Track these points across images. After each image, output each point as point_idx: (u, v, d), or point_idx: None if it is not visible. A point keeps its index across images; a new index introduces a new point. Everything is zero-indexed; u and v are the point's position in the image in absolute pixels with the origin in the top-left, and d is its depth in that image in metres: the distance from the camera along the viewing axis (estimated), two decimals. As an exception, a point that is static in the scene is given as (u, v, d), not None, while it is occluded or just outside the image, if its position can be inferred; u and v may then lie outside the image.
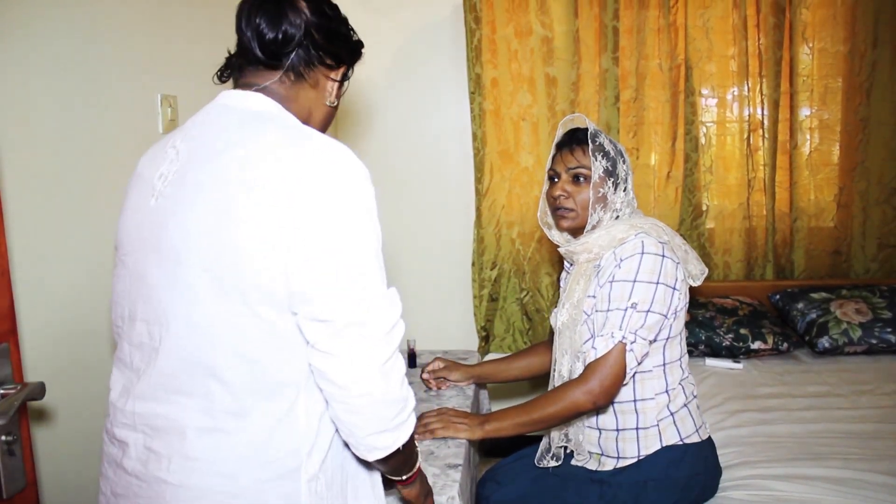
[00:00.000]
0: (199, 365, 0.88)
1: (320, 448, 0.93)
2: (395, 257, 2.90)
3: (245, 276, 0.85)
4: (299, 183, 0.85)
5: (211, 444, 0.88)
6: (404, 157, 2.85)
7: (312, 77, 1.00)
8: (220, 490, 0.88)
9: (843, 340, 2.35)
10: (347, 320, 0.86)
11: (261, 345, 0.88)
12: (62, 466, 1.25)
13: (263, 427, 0.89)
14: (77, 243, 1.29)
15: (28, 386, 0.90)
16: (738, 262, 2.76)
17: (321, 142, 0.90)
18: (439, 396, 1.87)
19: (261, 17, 0.95)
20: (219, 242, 0.85)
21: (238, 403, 0.88)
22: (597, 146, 1.48)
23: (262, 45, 0.95)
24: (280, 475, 0.90)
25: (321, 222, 0.85)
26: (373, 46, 2.79)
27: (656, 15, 2.63)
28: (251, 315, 0.86)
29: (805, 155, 2.69)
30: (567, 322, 1.51)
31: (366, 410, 0.89)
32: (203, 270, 0.86)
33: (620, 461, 1.48)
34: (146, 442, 0.91)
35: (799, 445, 1.76)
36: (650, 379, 1.47)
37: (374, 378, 0.88)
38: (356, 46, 1.07)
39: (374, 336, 0.88)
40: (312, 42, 0.97)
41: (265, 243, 0.84)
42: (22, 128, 1.15)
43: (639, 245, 1.42)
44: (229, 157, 0.87)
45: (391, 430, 0.93)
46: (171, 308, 0.88)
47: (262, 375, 0.88)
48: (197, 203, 0.87)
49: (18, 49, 1.14)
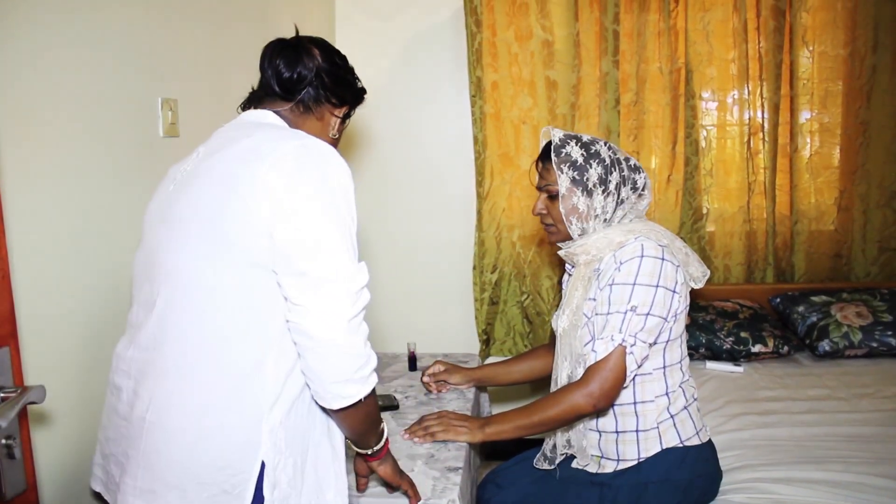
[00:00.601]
0: (184, 313, 1.02)
1: (283, 404, 1.04)
2: (396, 260, 2.91)
3: (236, 236, 0.99)
4: (290, 159, 1.00)
5: (185, 388, 1.01)
6: (405, 161, 2.86)
7: (319, 111, 1.21)
8: (188, 429, 1.00)
9: (844, 344, 2.35)
10: (320, 274, 0.98)
11: (242, 300, 1.01)
12: (62, 469, 1.25)
13: (233, 376, 1.01)
14: (78, 246, 1.29)
15: (28, 389, 0.90)
16: (738, 266, 2.76)
17: (315, 138, 1.06)
18: (440, 399, 1.87)
19: (280, 59, 1.15)
20: (217, 207, 1.00)
21: (213, 353, 1.01)
22: (562, 158, 1.47)
23: (279, 82, 1.16)
24: (243, 422, 1.01)
25: (303, 192, 0.99)
26: (374, 50, 2.82)
27: (656, 18, 2.63)
28: (237, 272, 1.00)
29: (805, 158, 2.69)
30: (567, 328, 1.51)
31: (333, 359, 1.00)
32: (199, 230, 1.01)
33: (621, 463, 1.48)
34: (135, 387, 1.05)
35: (799, 449, 1.76)
36: (650, 381, 1.47)
37: (342, 330, 0.99)
38: (359, 92, 1.29)
39: (343, 292, 0.99)
40: (322, 83, 1.18)
41: (256, 208, 0.98)
42: (23, 130, 1.15)
43: (638, 248, 1.42)
44: (237, 146, 1.05)
45: (355, 381, 1.03)
46: (169, 264, 1.04)
47: (239, 328, 1.01)
48: (204, 180, 1.04)
49: (20, 52, 1.15)
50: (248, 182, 0.98)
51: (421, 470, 1.46)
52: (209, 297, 1.01)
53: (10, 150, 1.13)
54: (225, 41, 1.86)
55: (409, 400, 1.87)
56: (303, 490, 1.08)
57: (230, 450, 1.01)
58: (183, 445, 1.00)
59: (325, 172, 1.02)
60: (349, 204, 1.04)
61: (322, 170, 1.02)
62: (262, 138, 1.04)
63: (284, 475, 1.04)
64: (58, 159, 1.24)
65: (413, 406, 1.83)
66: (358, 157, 2.88)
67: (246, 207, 0.98)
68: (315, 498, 1.10)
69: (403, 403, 1.84)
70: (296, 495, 1.06)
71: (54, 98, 1.22)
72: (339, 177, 1.04)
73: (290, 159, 1.00)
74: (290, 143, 1.02)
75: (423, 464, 1.49)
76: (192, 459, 1.00)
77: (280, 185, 0.98)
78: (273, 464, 1.03)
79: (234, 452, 1.01)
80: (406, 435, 1.61)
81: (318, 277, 0.98)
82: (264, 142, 1.03)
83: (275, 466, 1.03)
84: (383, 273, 2.92)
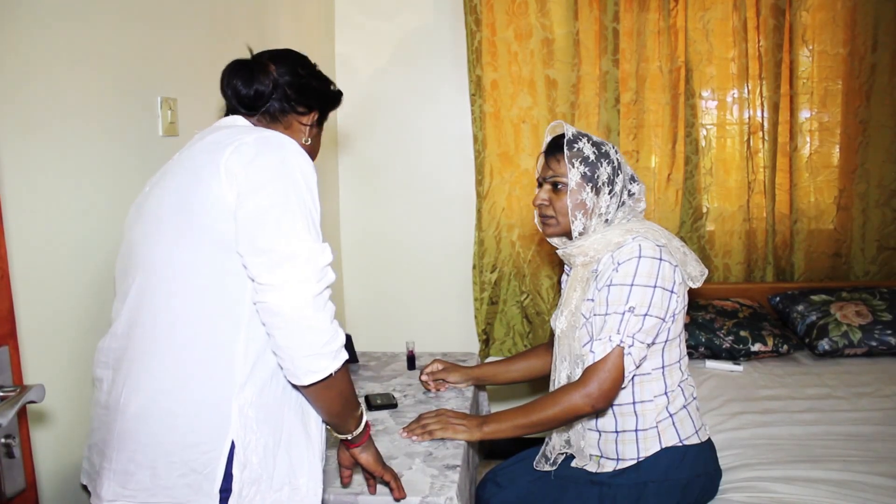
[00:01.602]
0: (154, 298, 1.06)
1: (254, 384, 1.06)
2: (396, 259, 2.91)
3: (202, 220, 1.04)
4: (250, 145, 1.05)
5: (155, 368, 1.04)
6: (404, 160, 2.86)
7: (286, 121, 1.25)
8: (158, 408, 1.04)
9: (843, 342, 2.35)
10: (283, 251, 1.01)
11: (211, 282, 1.05)
12: (62, 468, 1.26)
13: (201, 356, 1.04)
14: (77, 245, 1.29)
15: (28, 388, 0.90)
16: (738, 265, 2.76)
17: (276, 132, 1.12)
18: (438, 398, 1.87)
19: (237, 80, 1.20)
20: (184, 194, 1.06)
21: (182, 334, 1.04)
22: (574, 152, 1.47)
23: (239, 101, 1.21)
24: (212, 400, 1.04)
25: (263, 174, 1.03)
26: (374, 50, 2.82)
27: (656, 17, 2.63)
28: (205, 255, 1.05)
29: (805, 157, 2.69)
30: (566, 329, 1.51)
31: (301, 334, 1.02)
32: (169, 219, 1.07)
33: (620, 463, 1.48)
34: (113, 376, 1.09)
35: (799, 447, 1.76)
36: (649, 381, 1.47)
37: (308, 306, 1.01)
38: (330, 97, 1.30)
39: (308, 270, 1.01)
40: (283, 95, 1.22)
41: (219, 191, 1.02)
42: (22, 129, 1.15)
43: (636, 249, 1.42)
44: (203, 142, 1.11)
45: (325, 355, 1.04)
46: (143, 256, 1.09)
47: (208, 309, 1.05)
48: (173, 175, 1.11)
49: (19, 50, 1.15)
50: (211, 168, 1.04)
51: (419, 468, 1.46)
52: (178, 281, 1.05)
53: (10, 150, 1.13)
54: (224, 41, 1.86)
55: (408, 399, 1.87)
56: (274, 473, 1.08)
57: (199, 427, 1.03)
58: (153, 424, 1.03)
59: (285, 157, 1.06)
60: (310, 188, 1.07)
61: (281, 154, 1.06)
62: (227, 133, 1.10)
63: (255, 455, 1.05)
64: (57, 158, 1.24)
65: (412, 405, 1.83)
66: (357, 157, 2.88)
67: (210, 191, 1.03)
68: (287, 481, 1.10)
69: (402, 402, 1.85)
70: (267, 477, 1.07)
71: (54, 97, 1.23)
72: (299, 162, 1.07)
73: (250, 145, 1.05)
74: (251, 134, 1.08)
75: (421, 462, 1.49)
76: (162, 437, 1.03)
77: (240, 168, 1.03)
78: (243, 443, 1.04)
79: (204, 430, 1.03)
80: (405, 433, 1.62)
81: (281, 255, 1.01)
82: (227, 136, 1.08)
83: (245, 445, 1.04)
84: (382, 272, 2.92)
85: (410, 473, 1.44)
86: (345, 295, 2.96)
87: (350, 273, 2.94)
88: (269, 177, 1.03)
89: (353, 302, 2.96)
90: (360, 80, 2.82)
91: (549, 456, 1.59)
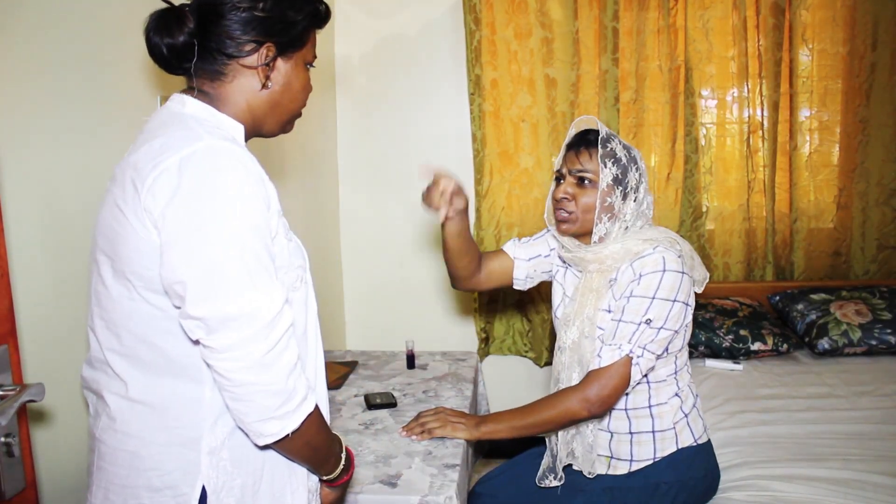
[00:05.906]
0: (112, 340, 0.97)
1: (225, 423, 0.97)
2: (396, 258, 2.91)
3: (131, 264, 0.92)
4: (175, 177, 0.88)
5: (124, 407, 0.97)
6: (404, 158, 2.85)
7: (230, 72, 1.00)
8: (128, 449, 0.97)
9: (843, 341, 2.35)
10: (218, 317, 0.88)
11: (157, 328, 0.94)
12: (62, 467, 1.26)
13: (168, 397, 0.96)
14: (77, 244, 1.29)
15: (28, 387, 0.90)
16: (737, 264, 2.76)
17: (206, 145, 0.91)
18: (437, 397, 1.87)
19: (155, 36, 0.99)
20: (112, 232, 0.94)
21: (145, 377, 0.96)
22: (607, 152, 1.41)
23: (166, 64, 1.01)
24: (181, 443, 0.96)
25: (188, 223, 0.88)
26: (372, 48, 2.81)
27: (656, 16, 2.63)
28: (142, 300, 0.94)
29: (805, 156, 2.69)
30: (577, 339, 1.47)
31: (248, 400, 0.91)
32: (106, 258, 0.97)
33: (634, 464, 1.48)
34: (95, 402, 1.03)
35: (799, 446, 1.76)
36: (665, 386, 1.47)
37: (254, 370, 0.90)
38: (275, 18, 0.99)
39: (250, 330, 0.89)
40: (205, 44, 0.98)
41: (146, 236, 0.90)
42: (22, 128, 1.15)
43: (660, 261, 1.39)
44: (133, 158, 0.94)
45: (277, 418, 0.93)
46: (94, 292, 1.00)
47: (163, 354, 0.95)
48: (107, 199, 0.98)
49: (19, 50, 1.15)
50: (134, 205, 0.90)
51: (418, 467, 1.47)
52: (131, 323, 0.95)
53: (10, 150, 1.13)
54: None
55: (408, 398, 1.87)
56: None
57: (166, 472, 0.96)
58: (120, 466, 0.97)
59: (213, 185, 0.89)
60: (249, 214, 0.91)
61: (209, 183, 0.89)
62: (158, 144, 0.93)
63: (231, 498, 0.98)
64: (57, 158, 1.24)
65: (411, 404, 1.83)
66: (357, 156, 2.87)
67: (137, 236, 0.91)
68: None
69: (401, 401, 1.85)
70: None
71: (54, 97, 1.23)
72: (233, 185, 0.90)
73: (172, 173, 0.88)
74: (179, 151, 0.90)
75: (420, 461, 1.49)
76: (131, 480, 0.97)
77: (159, 208, 0.88)
78: (215, 487, 0.96)
79: (171, 475, 0.96)
80: (404, 432, 1.62)
81: (217, 319, 0.87)
82: (155, 151, 0.92)
83: (217, 490, 0.97)
84: (382, 271, 2.92)
85: (410, 472, 1.45)
86: (344, 294, 2.96)
87: (349, 272, 2.95)
88: (192, 223, 0.88)
89: (352, 301, 2.96)
90: (359, 79, 2.82)
91: (556, 470, 1.53)
